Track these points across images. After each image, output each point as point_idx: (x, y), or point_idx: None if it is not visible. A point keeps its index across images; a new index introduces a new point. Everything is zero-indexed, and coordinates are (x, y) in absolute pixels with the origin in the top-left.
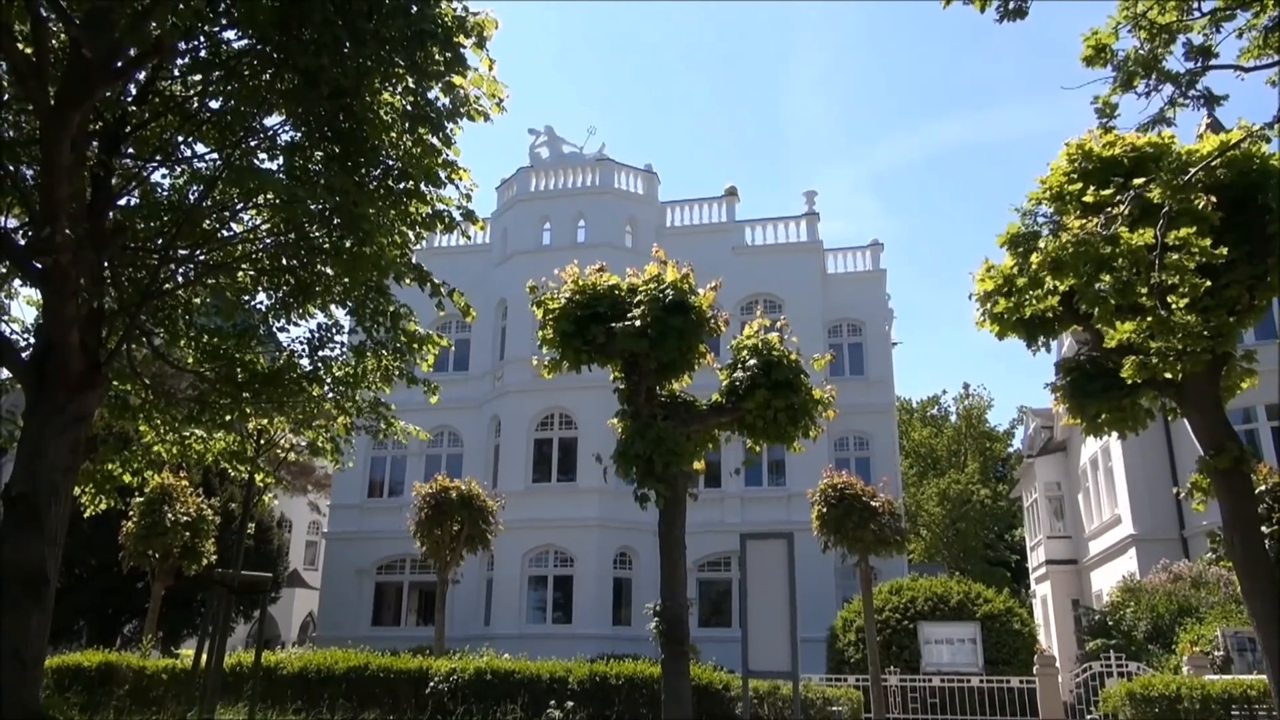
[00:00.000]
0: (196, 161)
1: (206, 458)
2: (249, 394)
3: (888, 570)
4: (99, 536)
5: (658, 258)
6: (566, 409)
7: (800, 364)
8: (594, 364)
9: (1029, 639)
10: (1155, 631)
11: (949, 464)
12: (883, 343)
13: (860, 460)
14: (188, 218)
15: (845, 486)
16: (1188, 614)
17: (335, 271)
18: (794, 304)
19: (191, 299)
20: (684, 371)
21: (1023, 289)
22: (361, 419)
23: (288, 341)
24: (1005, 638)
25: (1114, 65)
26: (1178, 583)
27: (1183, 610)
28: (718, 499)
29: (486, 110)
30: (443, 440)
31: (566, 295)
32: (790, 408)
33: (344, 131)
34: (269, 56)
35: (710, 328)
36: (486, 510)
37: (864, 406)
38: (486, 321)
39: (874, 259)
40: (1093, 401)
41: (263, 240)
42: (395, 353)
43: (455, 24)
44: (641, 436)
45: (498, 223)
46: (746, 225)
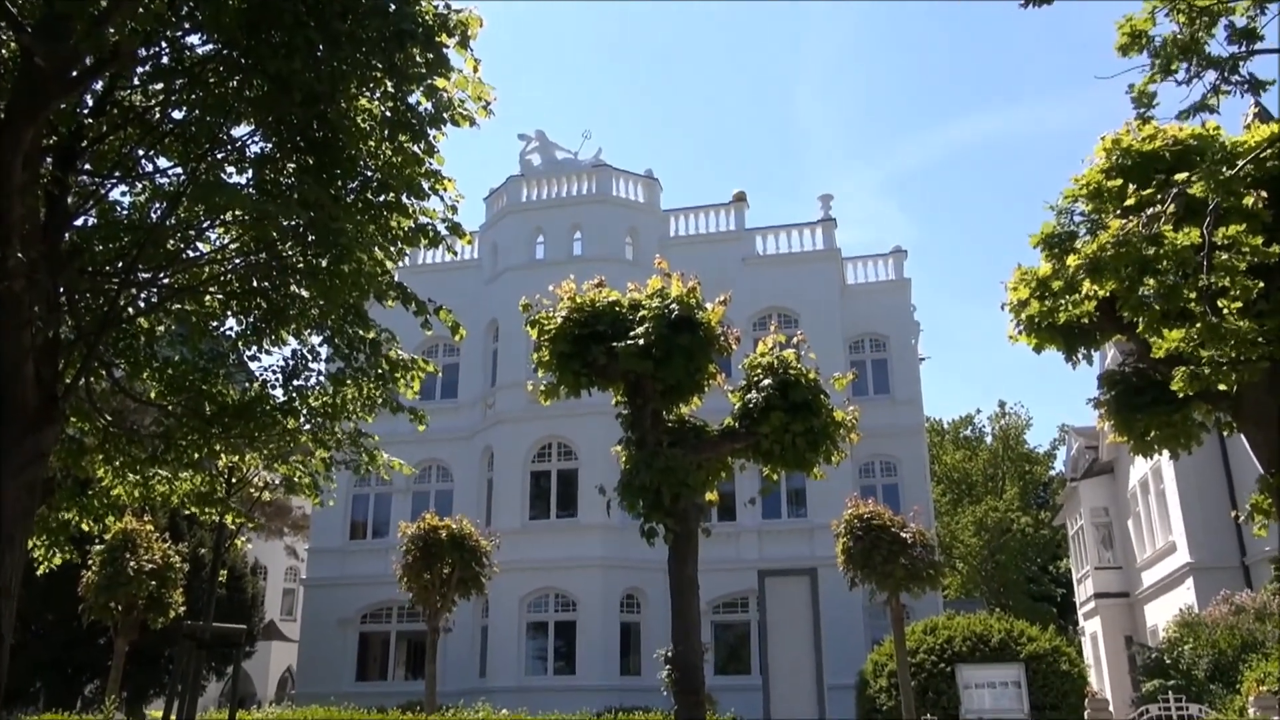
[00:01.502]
0: (159, 177)
1: (172, 500)
2: (218, 429)
3: (921, 608)
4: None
5: (661, 270)
6: (565, 438)
7: (819, 383)
8: (594, 388)
9: (1079, 680)
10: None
11: (985, 490)
12: (909, 358)
13: (888, 488)
14: (150, 238)
15: (872, 517)
16: (1252, 650)
17: (310, 293)
18: (811, 318)
19: (155, 326)
20: (693, 394)
21: (1059, 293)
22: (342, 453)
23: (259, 371)
24: (1052, 680)
25: (1150, 52)
26: (1240, 615)
27: (1247, 646)
28: (733, 533)
29: (472, 114)
30: (430, 475)
31: (563, 313)
32: (810, 431)
33: (318, 141)
34: (236, 62)
35: (720, 346)
36: (480, 551)
37: (891, 428)
38: (476, 344)
39: (897, 268)
40: (1140, 417)
41: (231, 261)
42: (377, 379)
43: (437, 23)
44: (648, 466)
45: (487, 236)
46: (757, 233)
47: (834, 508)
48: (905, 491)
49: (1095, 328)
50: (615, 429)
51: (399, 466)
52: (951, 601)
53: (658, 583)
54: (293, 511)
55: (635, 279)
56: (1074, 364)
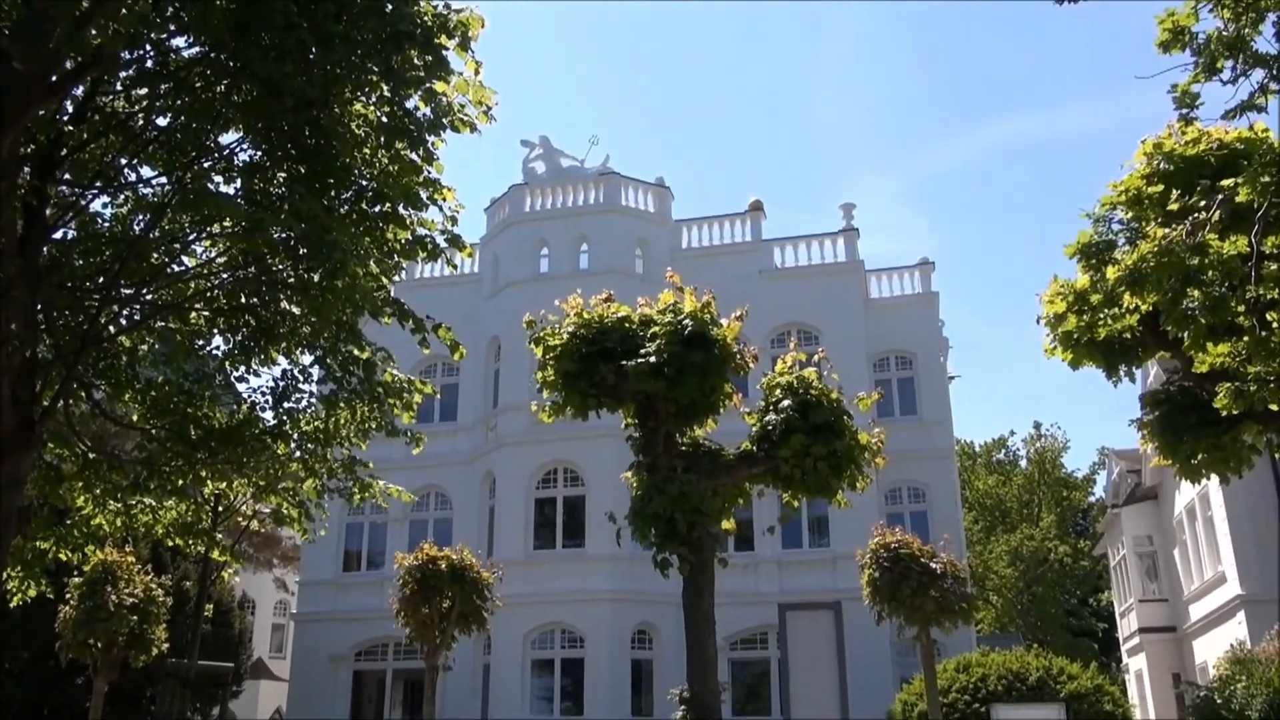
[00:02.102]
0: (142, 186)
1: (155, 530)
2: (204, 454)
3: (953, 644)
4: (32, 624)
5: (673, 284)
6: (572, 462)
7: (842, 404)
8: (603, 409)
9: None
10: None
11: (1020, 517)
12: (938, 377)
13: (916, 515)
14: (132, 251)
15: (900, 546)
16: None
17: (302, 310)
18: (833, 334)
19: (137, 345)
20: (707, 415)
21: (1098, 307)
22: (334, 480)
23: (248, 393)
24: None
25: (1193, 50)
26: None
27: None
28: (751, 564)
29: (473, 120)
30: (428, 502)
31: (569, 330)
32: (832, 455)
33: (310, 148)
34: (224, 65)
35: (736, 364)
36: (481, 583)
37: (919, 452)
38: (477, 363)
39: (924, 280)
40: (1186, 439)
41: (218, 276)
42: (372, 402)
43: (436, 23)
44: (660, 492)
45: (488, 249)
46: (775, 245)
47: (859, 537)
48: (935, 519)
49: (1137, 343)
50: (625, 453)
51: (397, 494)
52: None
53: (671, 617)
54: (282, 542)
55: (646, 293)
56: (1114, 382)
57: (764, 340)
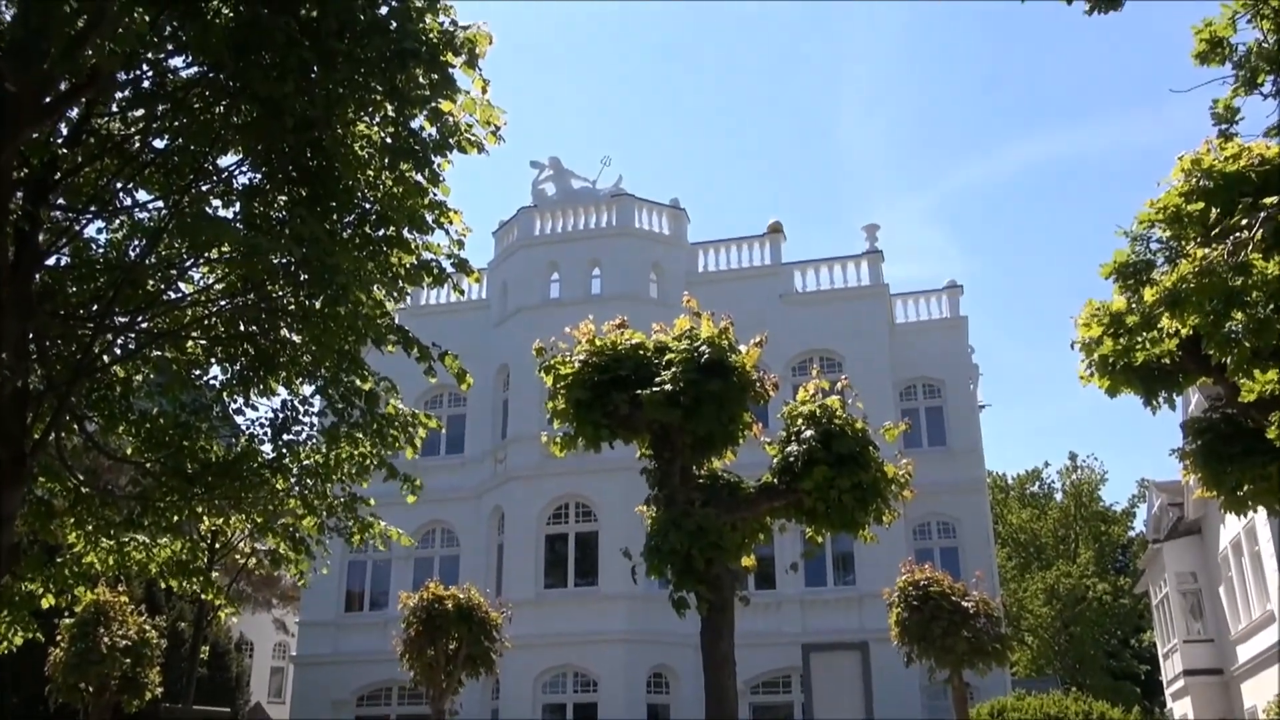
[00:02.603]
0: (138, 211)
1: (150, 569)
2: (200, 489)
3: (986, 687)
4: (21, 667)
5: (689, 309)
6: (584, 496)
7: (868, 434)
8: (616, 440)
9: None
10: None
11: (1056, 553)
12: (967, 406)
13: (946, 551)
14: (128, 278)
15: (930, 584)
16: None
17: (303, 338)
18: (857, 361)
19: (132, 376)
20: (726, 446)
21: (1135, 330)
22: (334, 519)
23: (246, 424)
24: None
25: (1233, 62)
26: None
27: None
28: (773, 603)
29: (480, 140)
30: (434, 539)
31: (581, 357)
32: (857, 487)
33: (312, 170)
34: (223, 85)
35: (756, 392)
36: (489, 624)
37: (948, 484)
38: (485, 393)
39: (952, 305)
40: (1231, 469)
41: (216, 303)
42: (374, 435)
43: (442, 41)
44: (677, 527)
45: (496, 274)
46: (795, 268)
47: (886, 574)
48: (966, 555)
49: (1177, 368)
50: (640, 486)
51: (397, 537)
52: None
53: (689, 659)
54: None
55: (661, 319)
56: (1154, 409)
57: (784, 368)
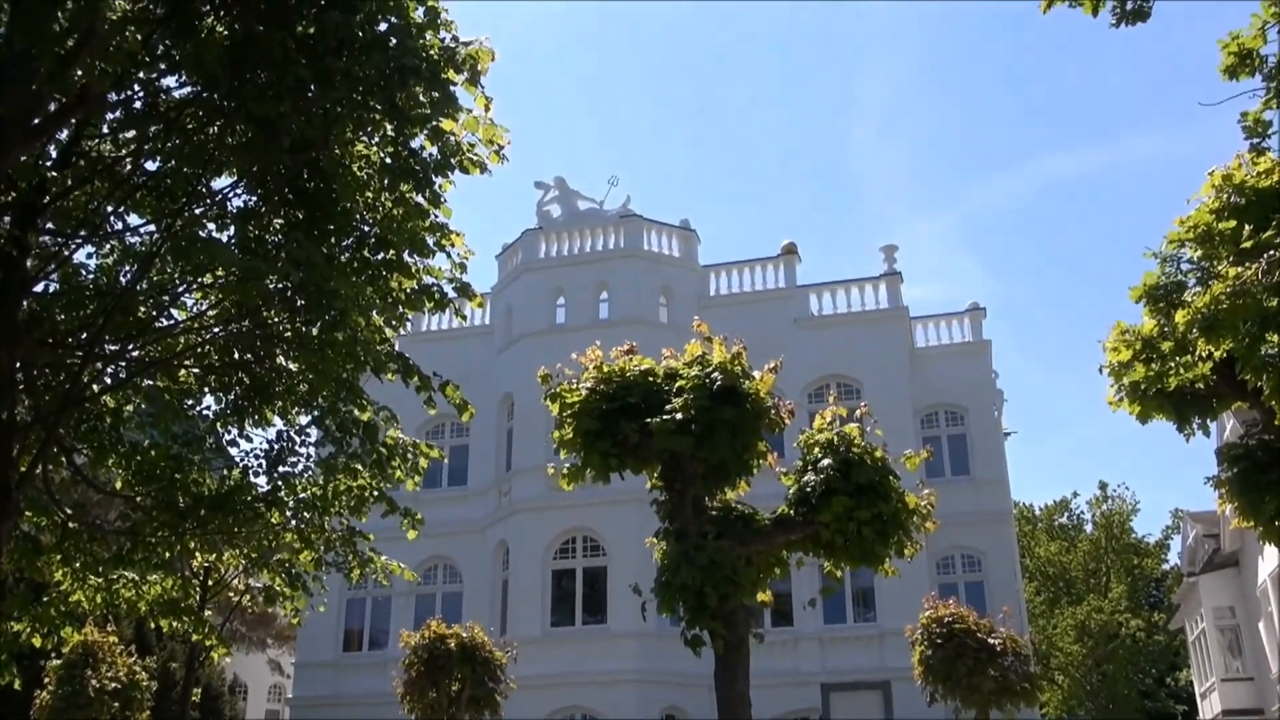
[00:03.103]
0: (129, 235)
1: (139, 608)
2: (192, 523)
3: None
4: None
5: (701, 334)
6: (592, 530)
7: (888, 463)
8: (626, 471)
9: None
10: None
11: (1087, 588)
12: (992, 433)
13: (971, 586)
14: (118, 304)
15: (954, 620)
16: None
17: (299, 366)
18: (875, 387)
19: (123, 406)
20: (740, 476)
21: (1167, 355)
22: (332, 554)
23: (240, 456)
24: None
25: (1264, 74)
26: None
27: None
28: (790, 641)
29: (483, 160)
30: (436, 575)
31: (588, 385)
32: (878, 519)
33: (309, 192)
34: (218, 105)
35: (771, 420)
36: (494, 664)
37: (973, 516)
38: (488, 423)
39: (974, 328)
40: (1269, 498)
41: (210, 330)
42: (373, 467)
43: (443, 57)
44: (689, 561)
45: (500, 298)
46: (811, 291)
47: (909, 610)
48: (992, 590)
49: (1211, 393)
50: (650, 519)
51: (399, 571)
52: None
53: (702, 700)
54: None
55: (671, 344)
56: (1187, 436)
57: (801, 394)
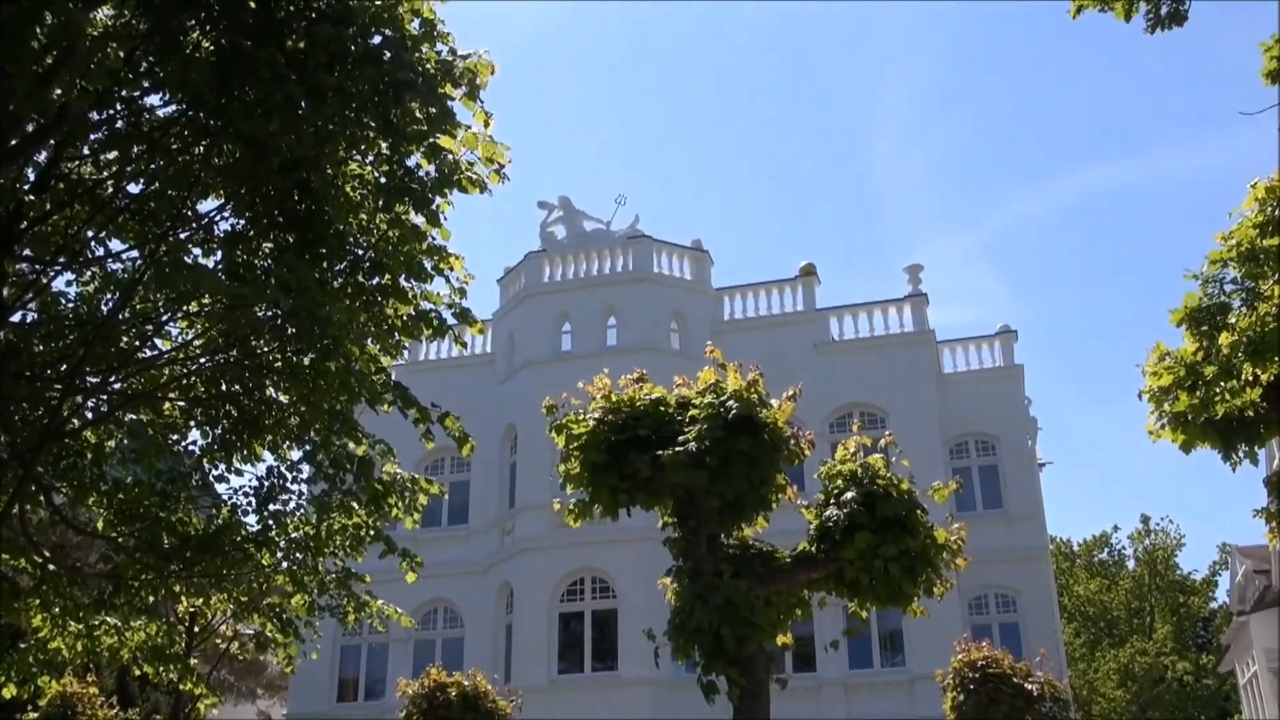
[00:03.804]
0: (111, 261)
1: (122, 655)
2: (177, 565)
3: None
4: None
5: (714, 360)
6: (601, 570)
7: (915, 496)
8: (636, 506)
9: None
10: None
11: (1130, 628)
12: (1026, 464)
13: (1006, 627)
14: (99, 334)
15: (988, 664)
16: None
17: (290, 397)
18: (901, 416)
19: (104, 441)
20: (757, 511)
21: (1212, 380)
22: (326, 597)
23: (228, 494)
24: None
25: None
26: None
27: None
28: (813, 687)
29: (483, 179)
30: (435, 619)
31: (596, 415)
32: (905, 555)
33: (300, 214)
34: (204, 124)
35: (790, 451)
36: (498, 714)
37: (1006, 552)
38: (491, 457)
39: (1005, 352)
40: None
41: (196, 360)
42: (369, 504)
43: (440, 71)
44: (704, 602)
45: (502, 325)
46: (831, 314)
47: (939, 653)
48: (1028, 631)
49: (1259, 419)
50: (662, 558)
51: (396, 616)
52: None
53: None
54: (267, 668)
55: (683, 372)
56: (1233, 465)
57: (821, 423)
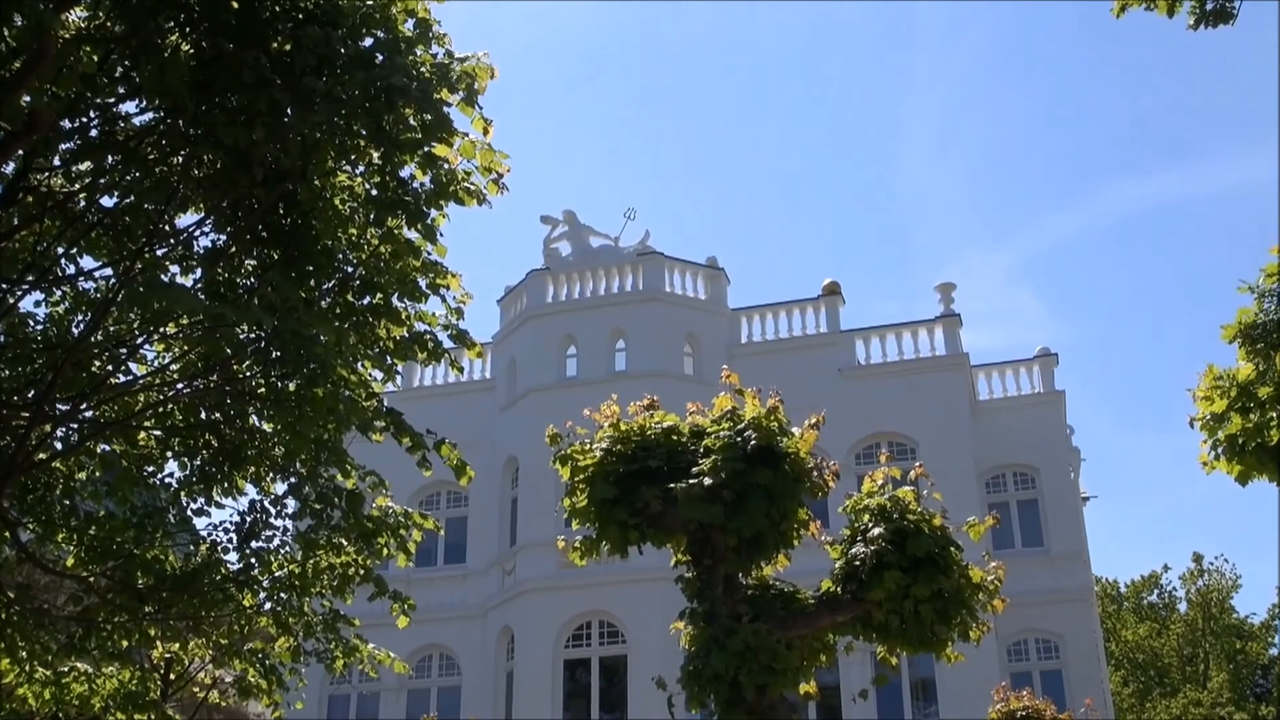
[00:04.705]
0: (83, 280)
1: (93, 704)
2: (153, 607)
3: None
4: None
5: (731, 386)
6: (610, 613)
7: (949, 532)
8: (647, 544)
9: None
10: None
11: (1182, 676)
12: (1068, 498)
13: (1048, 674)
14: (70, 358)
15: (1029, 714)
16: None
17: (274, 426)
18: (932, 446)
19: (74, 473)
20: (778, 549)
21: (1267, 402)
22: (312, 641)
23: (207, 530)
24: None
25: None
26: None
27: None
28: None
29: (481, 190)
30: (431, 666)
31: (603, 445)
32: (938, 596)
33: (285, 229)
34: (183, 133)
35: (813, 484)
36: None
37: (1047, 593)
38: (490, 491)
39: (1045, 377)
40: None
41: (173, 386)
42: (359, 541)
43: (435, 75)
44: (721, 647)
45: (502, 349)
46: (856, 336)
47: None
48: (1072, 680)
49: None
50: (675, 599)
51: (388, 661)
52: None
53: None
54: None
55: (697, 399)
56: None
57: (847, 454)
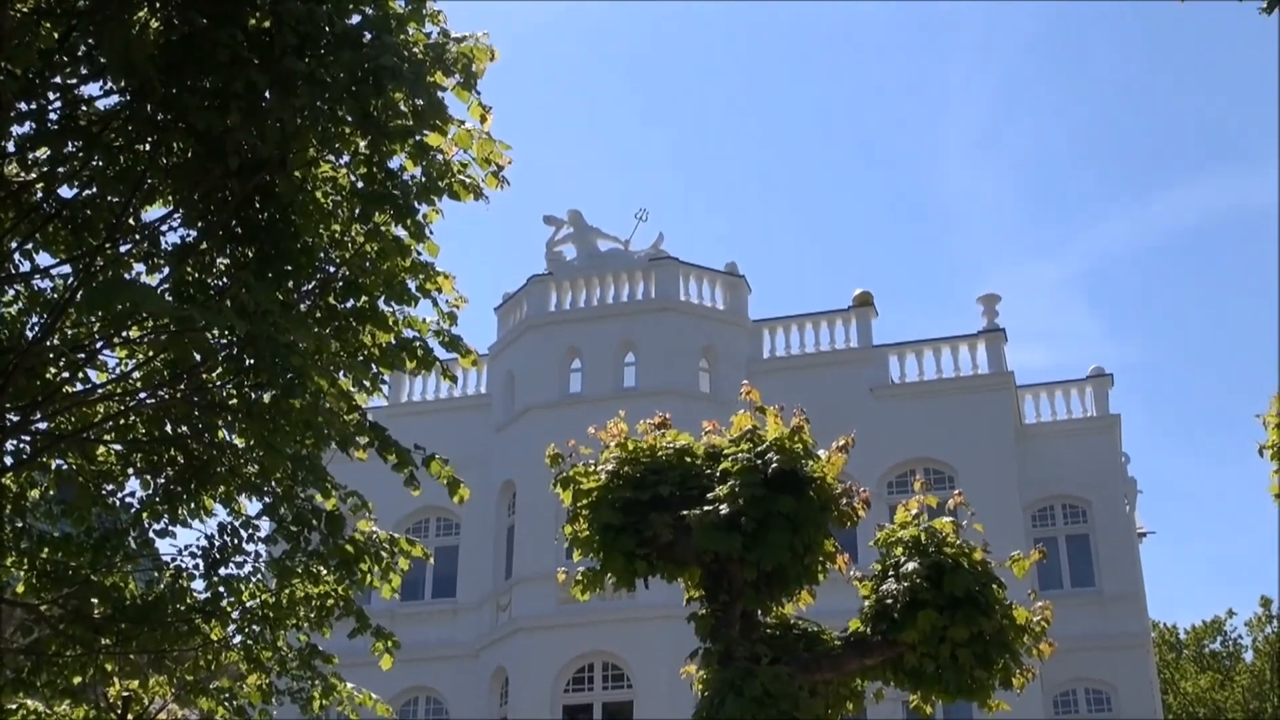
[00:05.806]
0: (39, 278)
1: None
2: (111, 639)
3: None
4: None
5: (751, 404)
6: (614, 654)
7: (990, 568)
8: (656, 577)
9: None
10: None
11: None
12: (1123, 534)
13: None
14: (22, 364)
15: None
16: None
17: (247, 440)
18: (973, 473)
19: (26, 490)
20: (800, 584)
21: None
22: (286, 678)
23: (172, 555)
24: None
25: None
26: None
27: None
28: None
29: (478, 184)
30: (416, 709)
31: (610, 467)
32: (978, 639)
33: (261, 224)
34: (150, 117)
35: (840, 513)
36: None
37: (1099, 638)
38: (484, 517)
39: (1099, 400)
40: None
41: (136, 396)
42: (339, 569)
43: (429, 56)
44: (738, 692)
45: (499, 362)
46: (890, 352)
47: None
48: None
49: None
50: (687, 638)
51: (369, 703)
52: None
53: None
54: None
55: (713, 418)
56: None
57: (878, 481)
